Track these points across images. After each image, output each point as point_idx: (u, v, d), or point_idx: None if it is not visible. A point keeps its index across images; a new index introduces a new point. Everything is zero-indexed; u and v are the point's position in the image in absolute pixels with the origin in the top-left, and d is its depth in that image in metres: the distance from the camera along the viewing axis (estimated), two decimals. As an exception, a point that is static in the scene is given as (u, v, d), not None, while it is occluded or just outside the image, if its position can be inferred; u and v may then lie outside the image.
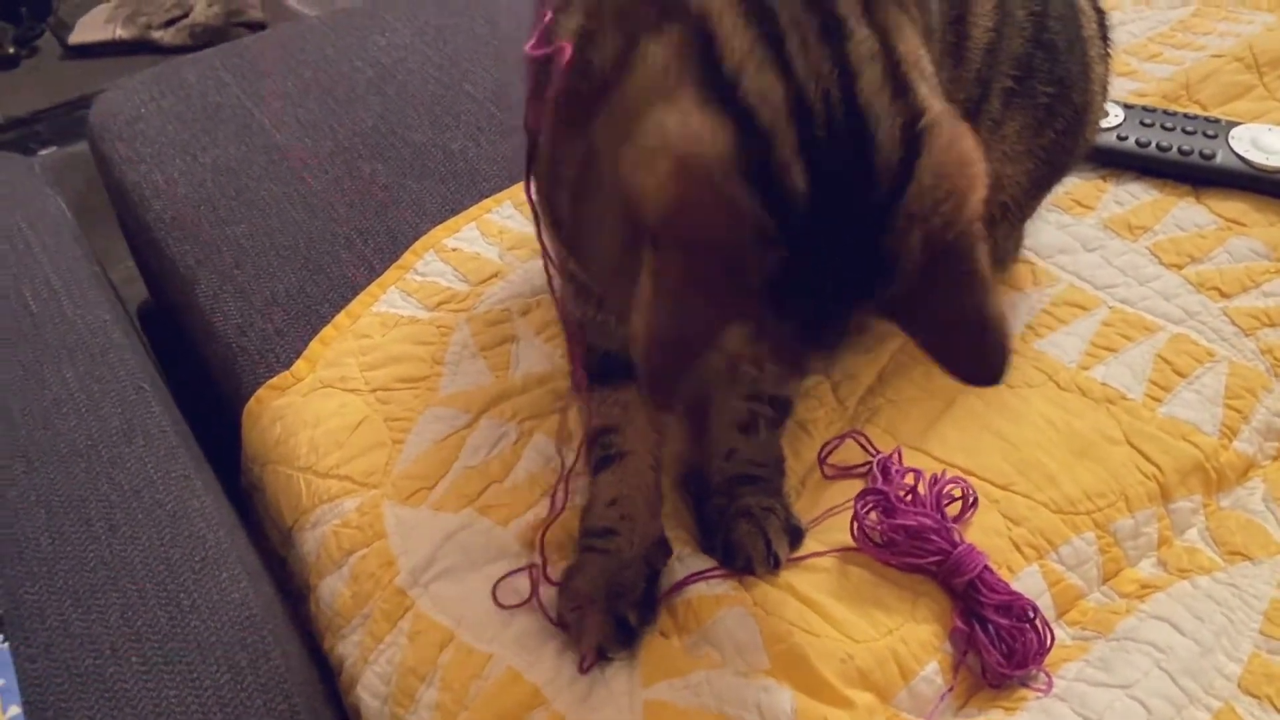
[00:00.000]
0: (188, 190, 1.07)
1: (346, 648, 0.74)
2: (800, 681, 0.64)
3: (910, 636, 0.67)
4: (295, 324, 0.92)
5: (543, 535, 0.72)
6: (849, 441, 0.77)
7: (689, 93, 0.48)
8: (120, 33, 2.62)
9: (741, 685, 0.63)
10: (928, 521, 0.67)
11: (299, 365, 0.88)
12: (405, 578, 0.73)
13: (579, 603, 0.67)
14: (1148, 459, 0.76)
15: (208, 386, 0.99)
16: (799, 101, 0.47)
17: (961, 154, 0.49)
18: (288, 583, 0.83)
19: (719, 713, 0.62)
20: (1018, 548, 0.71)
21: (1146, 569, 0.73)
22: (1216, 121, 1.01)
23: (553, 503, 0.74)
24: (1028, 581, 0.70)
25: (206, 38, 2.46)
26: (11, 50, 1.98)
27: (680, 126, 0.47)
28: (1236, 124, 1.00)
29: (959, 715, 0.66)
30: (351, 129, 1.13)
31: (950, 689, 0.66)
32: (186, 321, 1.00)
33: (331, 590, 0.76)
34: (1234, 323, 0.85)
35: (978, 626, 0.66)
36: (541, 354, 0.86)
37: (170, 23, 2.67)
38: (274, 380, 0.87)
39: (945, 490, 0.71)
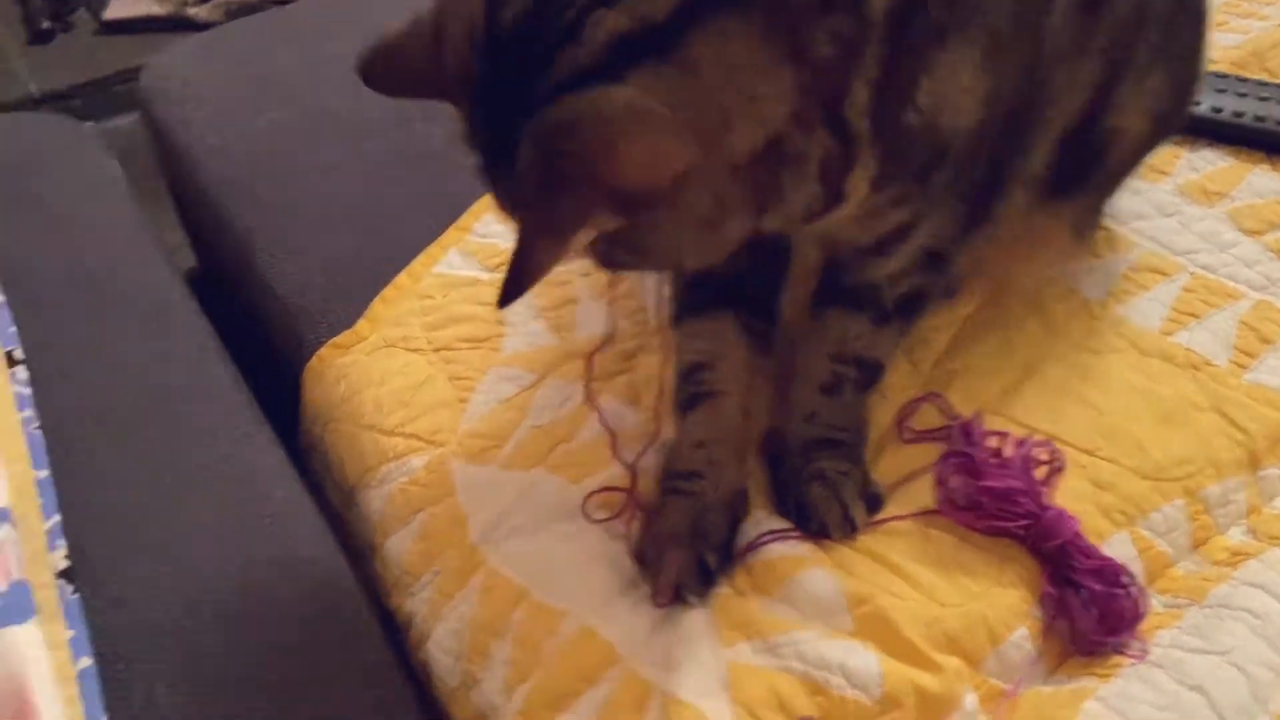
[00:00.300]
0: (243, 153, 1.06)
1: (415, 604, 0.73)
2: (885, 644, 0.63)
3: (998, 601, 0.65)
4: (356, 284, 0.91)
5: (636, 461, 0.72)
6: (927, 405, 0.75)
7: None
8: (156, 8, 2.62)
9: (825, 647, 0.62)
10: (1016, 484, 0.66)
11: (362, 324, 0.87)
12: (477, 534, 0.72)
13: (660, 540, 0.67)
14: (1236, 425, 0.74)
15: (260, 352, 0.98)
16: None
17: (620, 116, 0.51)
18: (348, 541, 0.82)
19: (804, 675, 0.61)
20: (1106, 514, 0.69)
21: (1236, 536, 0.71)
22: (1266, 84, 0.98)
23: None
24: (1117, 548, 0.68)
25: (242, 13, 2.46)
26: (46, 25, 1.97)
27: None
28: (1306, 86, 0.97)
29: (1048, 681, 0.64)
30: (405, 93, 1.11)
31: (1040, 655, 0.64)
32: (243, 283, 0.99)
33: (399, 547, 0.75)
34: (1318, 290, 0.83)
35: (1069, 591, 0.64)
36: (603, 315, 0.85)
37: (205, -2, 2.67)
38: (337, 339, 0.86)
39: (1032, 454, 0.69)
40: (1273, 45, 1.06)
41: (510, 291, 0.53)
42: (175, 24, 2.34)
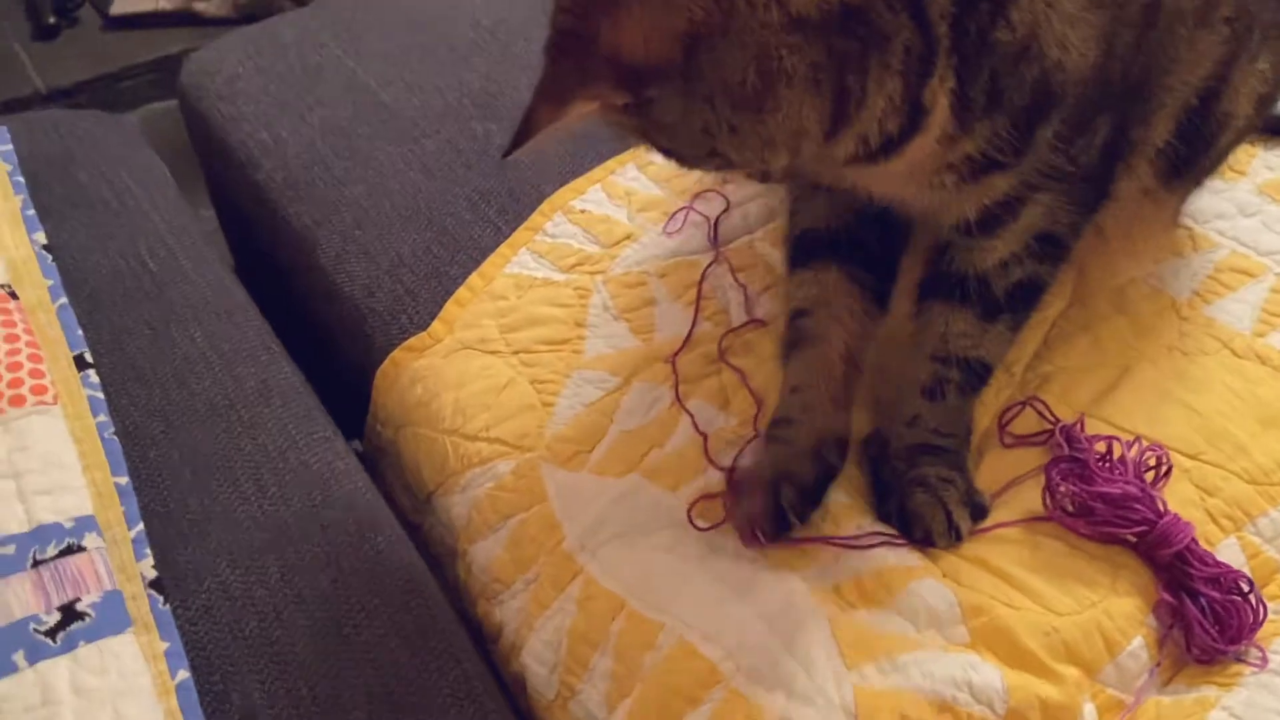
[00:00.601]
0: (298, 150, 1.04)
1: (506, 613, 0.72)
2: (1004, 655, 0.61)
3: (1114, 610, 0.64)
4: (425, 285, 0.90)
5: (733, 465, 0.71)
6: (1026, 409, 0.74)
7: None
8: (162, 4, 2.59)
9: (950, 663, 0.60)
10: (1132, 489, 0.64)
11: (436, 326, 0.85)
12: (573, 542, 0.70)
13: (749, 481, 0.67)
14: (1337, 429, 0.73)
15: (314, 353, 0.96)
16: None
17: None
18: (421, 549, 0.81)
19: (932, 693, 0.59)
20: (1214, 519, 0.68)
21: (1345, 542, 0.70)
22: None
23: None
24: (1227, 554, 0.67)
25: (251, 9, 2.43)
26: (52, 20, 1.93)
27: None
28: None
29: (1165, 691, 0.63)
30: (459, 89, 1.10)
31: (1158, 664, 0.63)
32: (303, 283, 0.97)
33: (487, 554, 0.74)
34: (1406, 291, 0.82)
35: (1186, 599, 0.63)
36: (684, 317, 0.83)
37: (214, -6, 2.64)
38: (411, 341, 0.85)
39: (1142, 458, 0.68)
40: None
41: (510, 146, 0.55)
42: (181, 19, 2.31)
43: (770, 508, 0.66)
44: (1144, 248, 0.82)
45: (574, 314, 0.84)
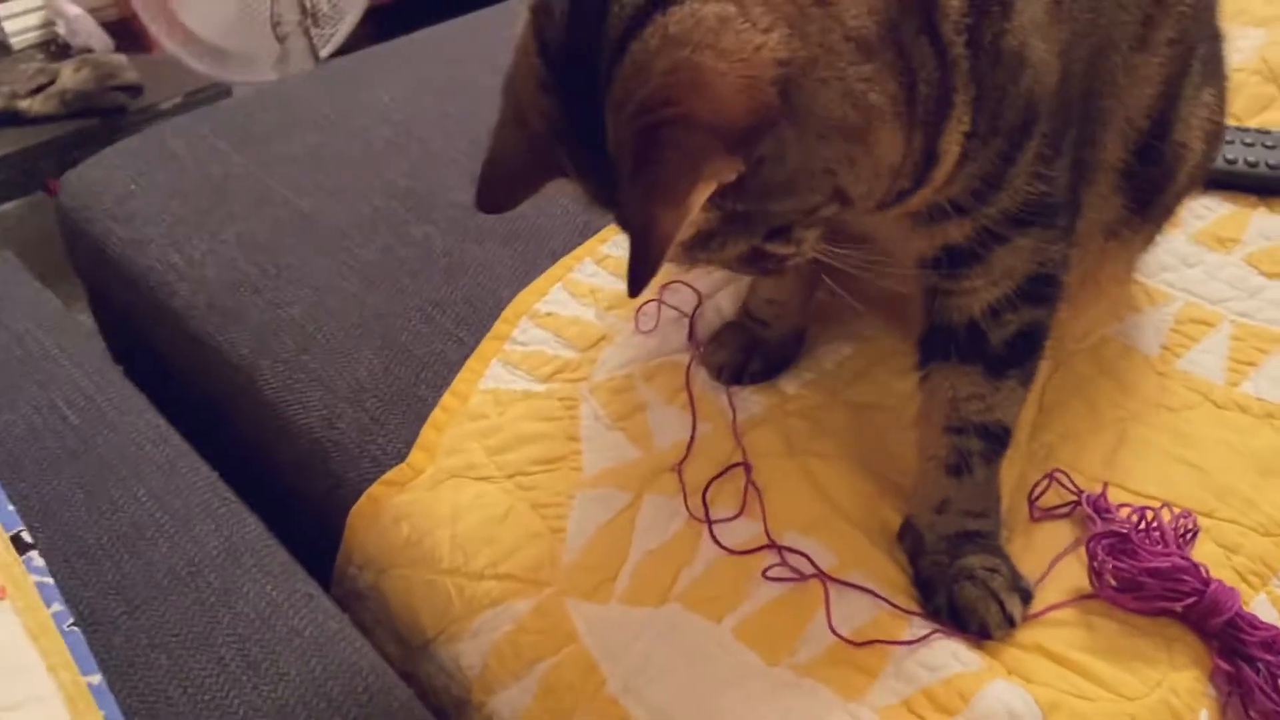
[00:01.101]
0: (218, 271, 0.97)
1: (546, 771, 0.66)
2: (1091, 750, 0.60)
3: (1178, 686, 0.63)
4: (392, 410, 0.83)
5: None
6: (1046, 481, 0.74)
7: None
8: (-21, 103, 2.41)
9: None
10: (1179, 561, 0.65)
11: (416, 456, 0.79)
12: (615, 685, 0.65)
13: (722, 335, 0.83)
14: (1329, 472, 0.76)
15: (266, 493, 0.87)
16: None
17: (688, 34, 0.47)
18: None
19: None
20: (1243, 577, 0.69)
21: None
22: (1268, 133, 1.03)
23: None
24: (1261, 612, 0.68)
25: (79, 104, 2.29)
26: None
27: None
28: (1304, 132, 1.03)
29: (1231, 761, 0.63)
30: (385, 192, 1.04)
31: (1226, 734, 0.63)
32: (248, 418, 0.89)
33: (514, 706, 0.68)
34: (1350, 327, 0.86)
35: (1244, 666, 0.63)
36: (680, 420, 0.80)
37: (37, 90, 2.48)
38: (389, 475, 0.78)
39: (1178, 525, 0.68)
40: (1232, 91, 1.11)
41: (638, 275, 0.48)
42: (5, 119, 2.15)
43: (738, 366, 0.81)
44: (1109, 295, 0.84)
45: (564, 427, 0.79)
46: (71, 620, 0.65)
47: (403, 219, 1.01)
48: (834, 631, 0.65)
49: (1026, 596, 0.67)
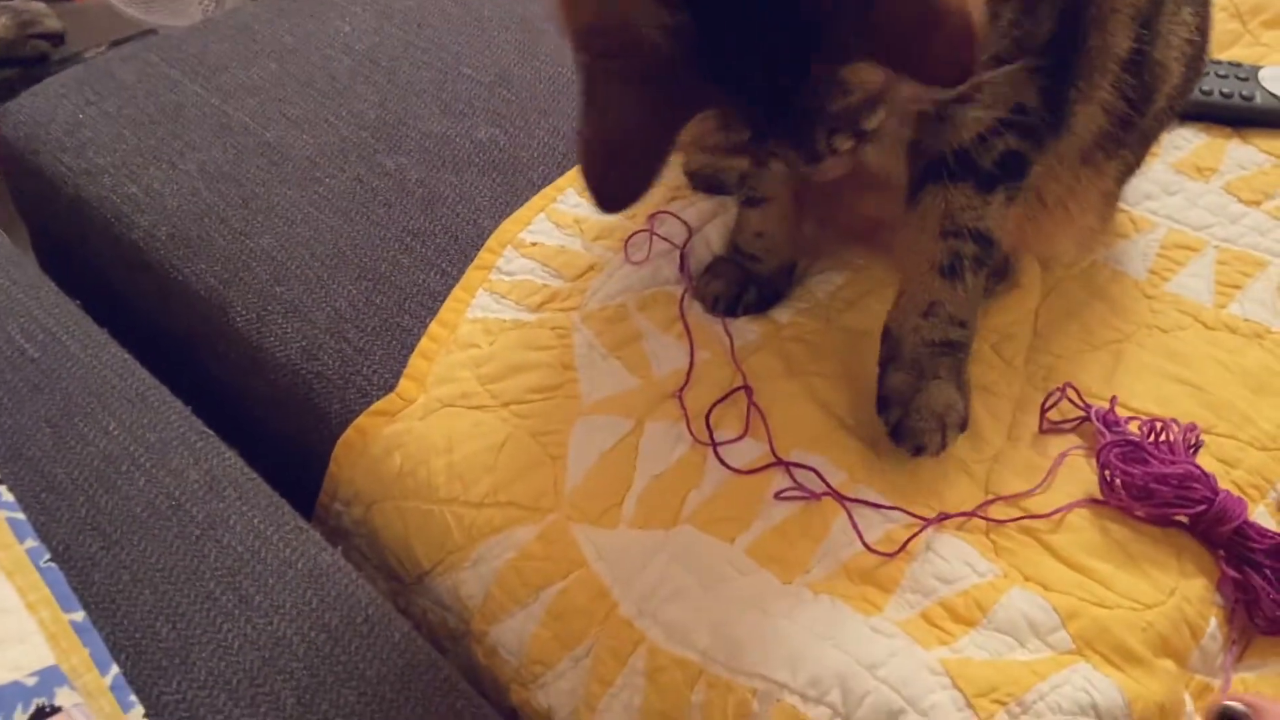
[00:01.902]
0: (180, 202, 0.92)
1: (554, 697, 0.64)
2: (1112, 658, 0.60)
3: (1190, 594, 0.64)
4: (377, 341, 0.80)
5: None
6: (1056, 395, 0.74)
7: None
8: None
9: (1070, 691, 0.58)
10: (1191, 469, 0.65)
11: (405, 385, 0.76)
12: (629, 607, 0.63)
13: (717, 266, 0.81)
14: (1318, 388, 0.77)
15: (238, 427, 0.83)
16: None
17: None
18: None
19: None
20: (1242, 490, 0.70)
21: (1339, 499, 0.74)
22: (1240, 65, 1.04)
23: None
24: (1261, 522, 0.68)
25: (6, 54, 2.19)
26: None
27: None
28: (1260, 67, 1.04)
29: (1239, 668, 0.64)
30: (353, 122, 1.00)
31: (1234, 642, 0.63)
32: (218, 351, 0.85)
33: (519, 633, 0.66)
34: (1329, 250, 0.87)
35: (1251, 573, 0.63)
36: (678, 349, 0.78)
37: (-45, 39, 2.35)
38: (378, 405, 0.75)
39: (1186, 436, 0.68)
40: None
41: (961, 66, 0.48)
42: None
43: (733, 298, 0.80)
44: (1080, 219, 0.84)
45: (558, 356, 0.77)
46: (48, 556, 0.62)
47: (373, 149, 0.97)
48: (864, 544, 0.64)
49: (965, 428, 0.70)
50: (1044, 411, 0.72)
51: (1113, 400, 0.72)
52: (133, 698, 0.56)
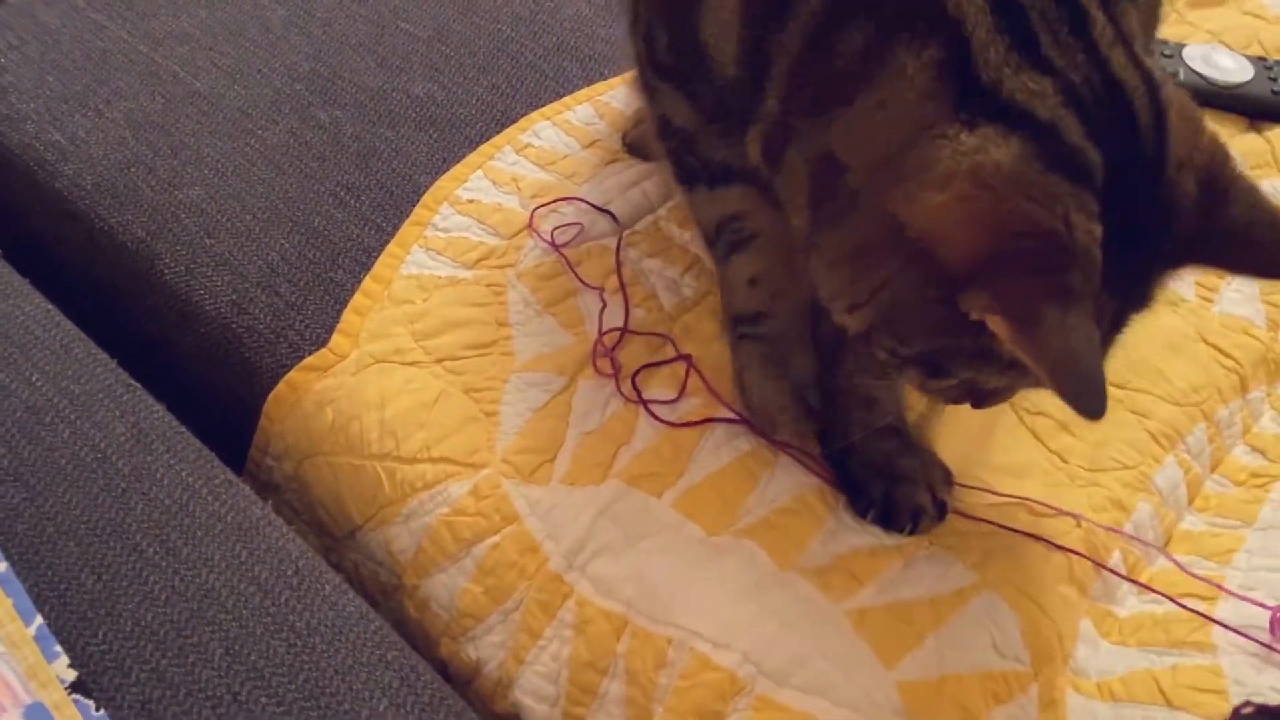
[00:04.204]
0: (106, 151, 0.90)
1: (483, 649, 0.65)
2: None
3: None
4: (309, 296, 0.79)
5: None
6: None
7: (949, 116, 0.50)
8: None
9: (973, 629, 0.61)
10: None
11: (338, 340, 0.75)
12: (559, 562, 0.64)
13: (764, 408, 0.68)
14: (1225, 354, 0.80)
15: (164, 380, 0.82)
16: (1068, 90, 0.51)
17: (1183, 100, 0.56)
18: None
19: (971, 668, 0.59)
20: (1155, 439, 0.73)
21: (1241, 456, 0.77)
22: (1166, 43, 1.07)
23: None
24: (1169, 472, 0.72)
25: None
26: None
27: (957, 156, 0.49)
28: (1184, 45, 1.06)
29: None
30: (286, 74, 0.98)
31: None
32: (146, 303, 0.84)
33: (449, 587, 0.66)
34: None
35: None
36: (612, 305, 0.78)
37: None
38: (310, 360, 0.75)
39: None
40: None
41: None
42: None
43: (802, 415, 0.68)
44: None
45: (493, 313, 0.77)
46: (-32, 506, 0.61)
47: (307, 102, 0.95)
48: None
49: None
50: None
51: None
52: (57, 648, 0.56)
